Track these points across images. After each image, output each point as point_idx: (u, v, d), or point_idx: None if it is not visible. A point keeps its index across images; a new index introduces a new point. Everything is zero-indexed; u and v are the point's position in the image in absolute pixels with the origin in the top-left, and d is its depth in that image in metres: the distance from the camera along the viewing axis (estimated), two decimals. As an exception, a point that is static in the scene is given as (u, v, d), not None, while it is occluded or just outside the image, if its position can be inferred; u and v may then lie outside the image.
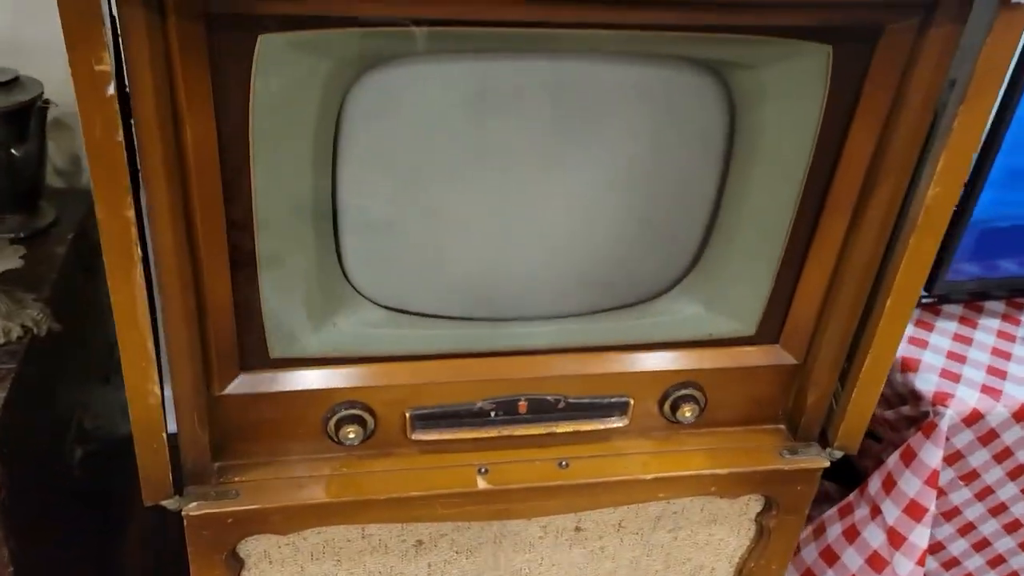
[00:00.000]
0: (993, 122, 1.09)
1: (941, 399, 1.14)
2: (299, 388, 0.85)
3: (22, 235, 1.03)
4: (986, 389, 1.16)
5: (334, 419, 0.87)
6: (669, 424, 0.96)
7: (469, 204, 0.82)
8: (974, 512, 1.26)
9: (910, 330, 1.26)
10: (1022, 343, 1.25)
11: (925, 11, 0.73)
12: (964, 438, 1.16)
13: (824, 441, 0.98)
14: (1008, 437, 1.17)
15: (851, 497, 1.27)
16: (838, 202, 0.83)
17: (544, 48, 0.74)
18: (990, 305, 1.33)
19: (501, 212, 0.83)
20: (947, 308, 1.31)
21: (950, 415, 1.13)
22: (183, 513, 0.84)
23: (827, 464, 0.97)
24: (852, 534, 1.24)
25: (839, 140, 0.80)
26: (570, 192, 0.83)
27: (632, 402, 0.93)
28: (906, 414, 1.20)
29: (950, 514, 1.26)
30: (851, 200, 0.83)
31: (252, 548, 0.90)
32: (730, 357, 0.93)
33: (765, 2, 0.71)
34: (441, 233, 0.83)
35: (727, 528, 1.03)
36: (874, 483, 1.22)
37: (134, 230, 0.68)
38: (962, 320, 1.30)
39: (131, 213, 0.67)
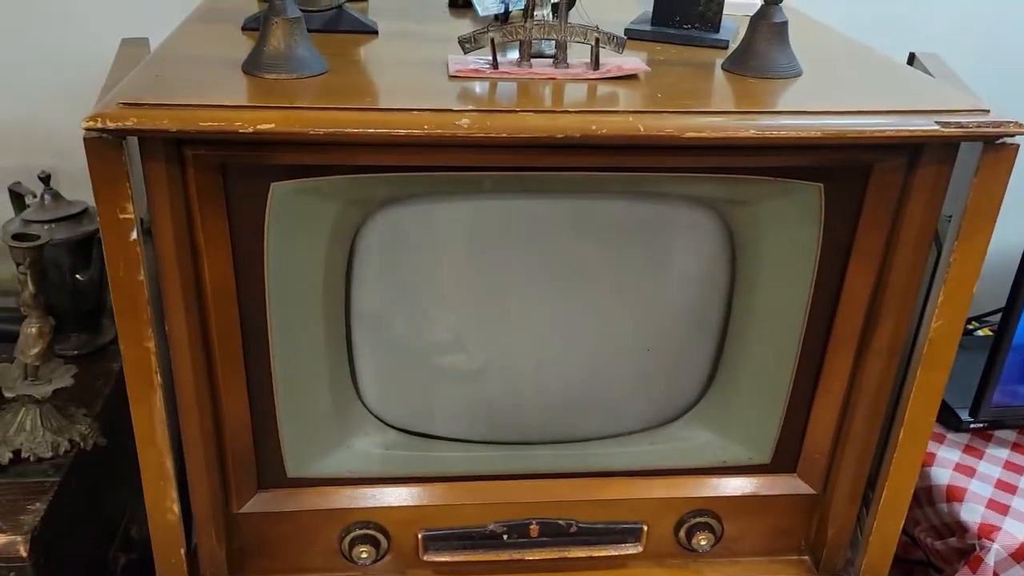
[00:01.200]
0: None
1: (987, 532, 1.09)
2: (314, 507, 0.88)
3: (83, 352, 1.11)
4: (1037, 522, 1.10)
5: (348, 538, 0.89)
6: (685, 552, 0.95)
7: (477, 334, 0.86)
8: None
9: (957, 457, 1.21)
10: (1081, 472, 1.19)
11: (912, 152, 0.75)
12: (1015, 574, 1.10)
13: (850, 573, 0.95)
14: (1063, 575, 1.10)
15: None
16: (842, 336, 0.84)
17: (548, 189, 0.79)
18: (1048, 431, 1.28)
19: (509, 341, 0.87)
20: (999, 434, 1.26)
21: (996, 549, 1.08)
22: (200, 629, 0.87)
23: (851, 600, 0.94)
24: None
25: (838, 275, 0.81)
26: (577, 323, 0.86)
27: (646, 528, 0.93)
28: (954, 546, 1.15)
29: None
30: (855, 334, 0.83)
31: (267, 664, 0.92)
32: (746, 485, 0.93)
33: (757, 145, 0.73)
34: (451, 360, 0.87)
35: (751, 663, 0.99)
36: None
37: (154, 359, 0.74)
38: (1015, 447, 1.24)
39: (151, 344, 0.73)
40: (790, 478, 0.93)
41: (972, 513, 1.12)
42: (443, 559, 0.91)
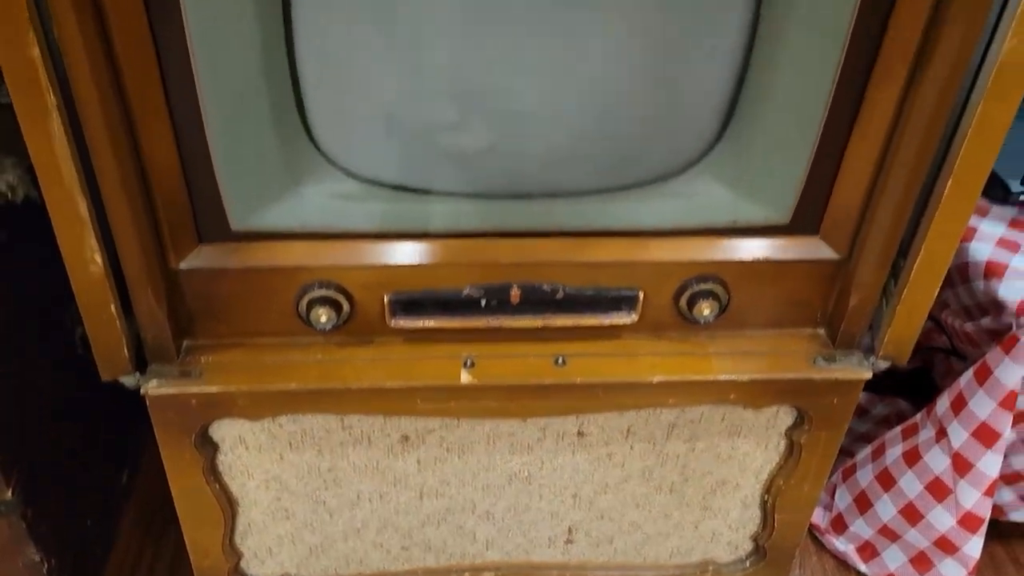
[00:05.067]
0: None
1: (1024, 310, 0.98)
2: (265, 264, 0.78)
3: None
4: (1084, 298, 0.99)
5: (305, 300, 0.79)
6: (686, 323, 0.84)
7: (451, 53, 0.71)
8: (1058, 442, 1.10)
9: (1002, 231, 1.08)
10: None
11: None
12: (1051, 355, 1.00)
13: (869, 350, 0.85)
14: (1105, 356, 1.00)
15: (917, 417, 1.13)
16: (893, 55, 0.68)
17: None
18: (1105, 207, 1.14)
19: (489, 64, 0.72)
20: (1051, 206, 1.13)
21: (1035, 328, 0.97)
22: (143, 392, 0.79)
23: (868, 375, 0.84)
24: (913, 457, 1.11)
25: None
26: (571, 42, 0.71)
27: (642, 295, 0.82)
28: (987, 327, 1.04)
29: (1028, 443, 1.10)
30: (907, 58, 0.68)
31: (226, 432, 0.85)
32: (760, 249, 0.81)
33: None
34: (420, 87, 0.72)
35: (752, 442, 0.92)
36: (942, 403, 1.08)
37: (43, 73, 0.60)
38: (1068, 219, 1.11)
39: (36, 52, 0.59)
40: (811, 240, 0.81)
41: (1012, 290, 1.00)
42: (413, 325, 0.81)
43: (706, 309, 0.82)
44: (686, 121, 0.76)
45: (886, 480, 1.15)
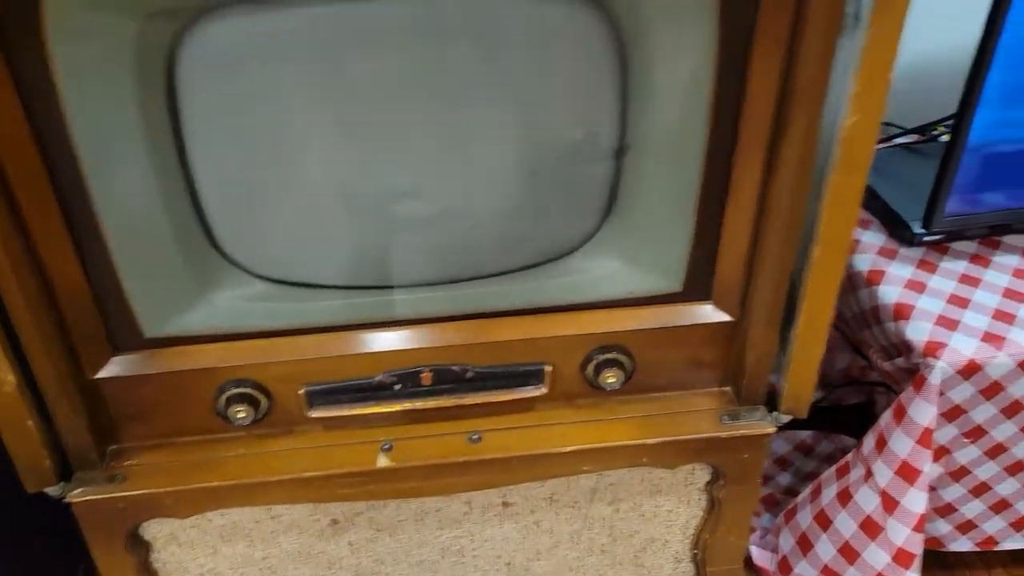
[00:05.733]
0: (983, 34, 0.94)
1: (932, 350, 1.01)
2: (180, 368, 0.81)
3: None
4: (988, 337, 1.02)
5: (223, 398, 0.82)
6: (596, 391, 0.88)
7: (340, 167, 0.76)
8: (987, 471, 1.13)
9: (908, 272, 1.13)
10: (1042, 282, 1.11)
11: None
12: (963, 392, 1.03)
13: (773, 404, 0.88)
14: (1016, 390, 1.03)
15: (848, 457, 1.17)
16: (750, 141, 0.73)
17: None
18: (1011, 240, 1.18)
19: (378, 173, 0.76)
20: (958, 246, 1.17)
21: (942, 367, 1.01)
22: (66, 500, 0.81)
23: (773, 430, 0.88)
24: (846, 497, 1.14)
25: (741, 68, 0.70)
26: (453, 146, 0.75)
27: (549, 369, 0.85)
28: (901, 366, 1.08)
29: (959, 474, 1.13)
30: (763, 138, 0.73)
31: (156, 531, 0.87)
32: (657, 317, 0.84)
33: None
34: (312, 195, 0.77)
35: (674, 499, 0.95)
36: (868, 442, 1.11)
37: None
38: (974, 258, 1.15)
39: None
40: (705, 306, 0.85)
41: (918, 331, 1.04)
42: (330, 414, 0.84)
43: (611, 377, 0.86)
44: (574, 206, 0.80)
45: (823, 521, 1.18)
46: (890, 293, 1.10)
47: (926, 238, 1.15)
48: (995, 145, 1.03)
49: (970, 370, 1.01)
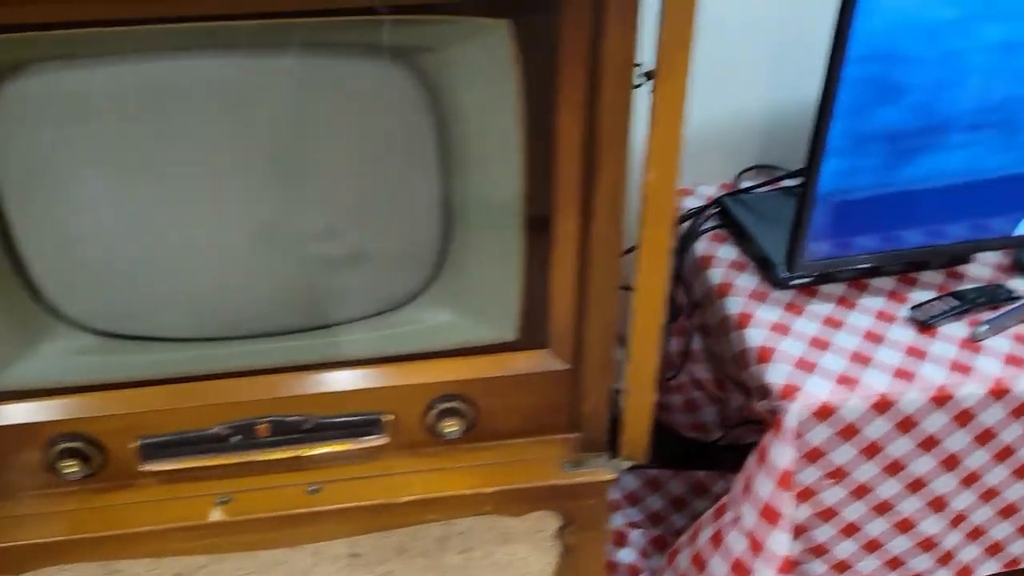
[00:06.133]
0: (824, 85, 0.97)
1: (788, 393, 1.03)
2: (9, 422, 0.80)
3: None
4: (843, 379, 1.05)
5: (54, 453, 0.82)
6: (439, 439, 0.88)
7: (164, 215, 0.76)
8: (855, 512, 1.14)
9: (775, 315, 1.15)
10: (903, 324, 1.13)
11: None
12: (821, 434, 1.05)
13: (614, 451, 0.89)
14: (872, 431, 1.05)
15: (725, 499, 1.18)
16: (564, 195, 0.75)
17: (205, 44, 0.67)
18: (878, 282, 1.21)
19: (205, 221, 0.77)
20: (828, 289, 1.19)
21: (797, 410, 1.02)
22: None
23: (614, 476, 0.88)
24: (718, 539, 1.15)
25: (548, 126, 0.71)
26: (276, 205, 0.76)
27: (390, 418, 0.86)
28: (764, 409, 1.10)
29: (827, 515, 1.15)
30: (576, 192, 0.75)
31: (-10, 589, 0.86)
32: (495, 365, 0.85)
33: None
34: (136, 247, 0.77)
35: (527, 546, 0.95)
36: (737, 485, 1.12)
37: None
38: (840, 301, 1.18)
39: None
40: (542, 354, 0.86)
41: (777, 374, 1.06)
42: (165, 467, 0.84)
43: (452, 426, 0.86)
44: (405, 260, 0.81)
45: (699, 563, 1.18)
46: (756, 336, 1.12)
47: (792, 282, 1.18)
48: (849, 192, 1.06)
49: (825, 412, 1.03)
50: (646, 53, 0.67)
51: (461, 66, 0.69)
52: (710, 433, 1.51)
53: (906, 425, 1.05)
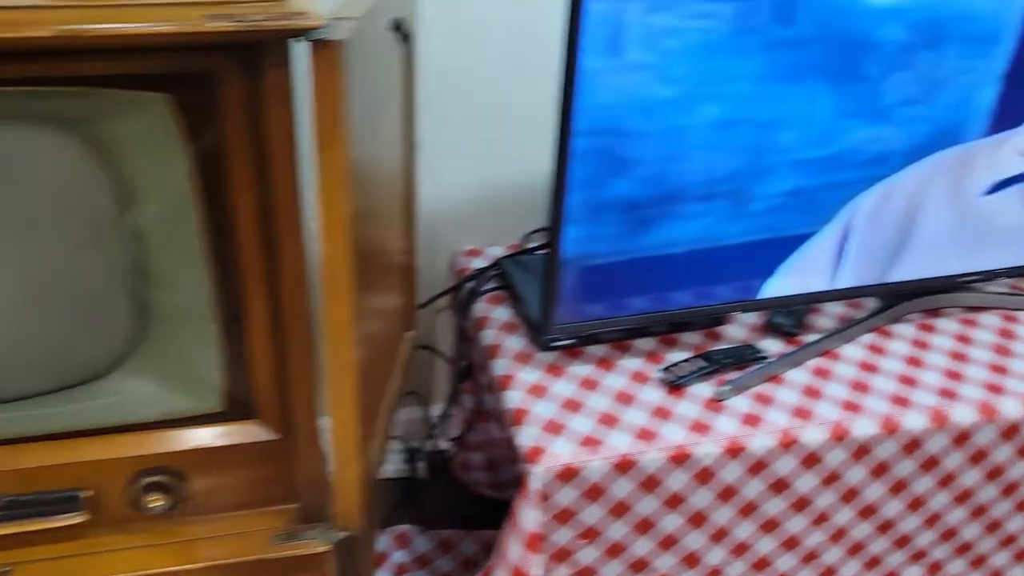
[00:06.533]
0: (557, 156, 1.00)
1: (533, 456, 1.05)
2: None
3: None
4: (588, 441, 1.07)
5: None
6: (149, 514, 0.85)
7: None
8: (612, 570, 1.16)
9: (535, 377, 1.17)
10: (654, 384, 1.16)
11: (247, 55, 0.64)
12: (568, 495, 1.07)
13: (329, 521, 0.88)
14: (618, 491, 1.08)
15: (490, 560, 1.18)
16: (248, 271, 0.75)
17: None
18: (640, 343, 1.25)
19: None
20: (592, 350, 1.22)
21: (541, 473, 1.04)
22: None
23: (327, 547, 0.87)
24: (480, 603, 1.15)
25: (223, 202, 0.71)
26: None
27: (89, 494, 0.83)
28: (517, 472, 1.11)
29: (585, 574, 1.16)
30: (260, 268, 0.74)
31: None
32: (202, 437, 0.83)
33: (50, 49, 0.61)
34: None
35: (251, 622, 0.92)
36: (495, 547, 1.13)
37: None
38: (601, 362, 1.21)
39: None
40: (252, 425, 0.84)
41: (526, 437, 1.07)
42: None
43: (158, 500, 0.84)
44: (98, 330, 0.79)
45: (466, 626, 1.18)
46: (513, 398, 1.13)
47: (555, 343, 1.20)
48: (592, 257, 1.10)
49: (568, 474, 1.05)
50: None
51: (129, 138, 0.68)
52: (509, 491, 1.51)
53: (650, 484, 1.08)
